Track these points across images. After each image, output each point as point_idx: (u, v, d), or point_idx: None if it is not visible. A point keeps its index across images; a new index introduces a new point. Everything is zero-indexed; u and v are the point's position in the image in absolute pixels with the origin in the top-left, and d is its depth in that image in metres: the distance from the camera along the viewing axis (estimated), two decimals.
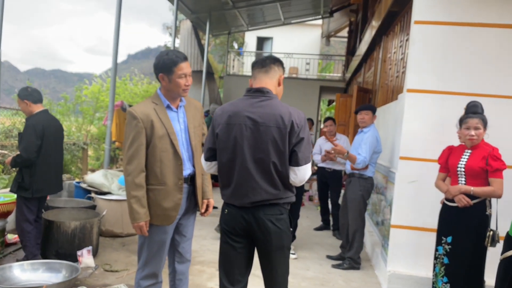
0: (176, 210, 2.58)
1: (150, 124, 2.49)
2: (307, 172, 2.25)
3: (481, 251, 3.08)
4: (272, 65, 2.36)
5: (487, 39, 3.89)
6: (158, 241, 2.62)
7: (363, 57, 8.86)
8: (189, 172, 2.66)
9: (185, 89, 2.57)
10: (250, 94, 2.32)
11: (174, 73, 2.50)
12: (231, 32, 14.92)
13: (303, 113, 2.29)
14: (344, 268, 4.55)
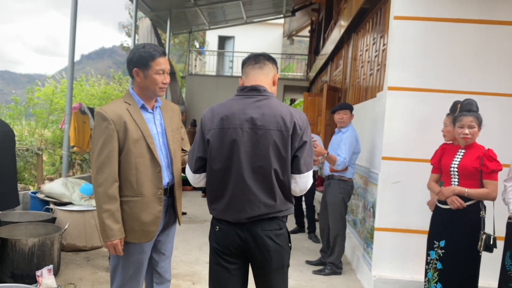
0: (156, 225, 2.26)
1: (123, 126, 2.18)
2: (309, 180, 2.01)
3: (475, 255, 2.96)
4: (267, 62, 2.11)
5: (468, 35, 3.83)
6: (135, 262, 2.30)
7: (329, 55, 8.77)
8: (168, 181, 2.35)
9: (162, 88, 2.27)
10: (244, 93, 2.06)
11: (151, 68, 2.21)
12: (192, 30, 14.55)
13: (305, 114, 2.05)
14: (326, 274, 4.37)
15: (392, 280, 3.86)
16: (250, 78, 2.09)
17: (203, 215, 6.88)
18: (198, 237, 5.55)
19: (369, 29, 5.66)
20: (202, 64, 17.78)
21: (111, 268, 2.37)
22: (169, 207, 2.39)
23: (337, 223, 4.41)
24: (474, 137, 3.01)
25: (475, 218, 2.97)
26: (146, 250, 2.33)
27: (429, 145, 3.77)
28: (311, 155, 2.00)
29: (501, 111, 3.75)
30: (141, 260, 2.32)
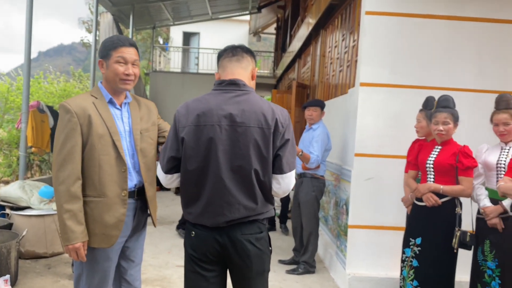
0: (118, 229, 2.09)
1: (87, 119, 2.03)
2: (292, 180, 1.89)
3: (451, 252, 2.95)
4: (245, 54, 1.97)
5: (438, 31, 3.85)
6: (100, 271, 2.13)
7: (297, 53, 8.74)
8: (135, 183, 2.18)
9: (124, 79, 2.09)
10: (222, 87, 1.91)
11: (111, 57, 2.06)
12: (156, 26, 14.17)
13: (286, 110, 1.94)
14: (300, 273, 4.31)
15: (366, 278, 3.83)
16: (228, 72, 1.95)
17: (170, 216, 6.68)
18: (167, 240, 5.37)
19: (338, 26, 5.63)
20: (166, 61, 17.40)
21: (75, 277, 2.19)
22: (137, 211, 2.23)
23: (310, 221, 4.35)
24: (449, 133, 3.00)
25: (450, 215, 2.96)
26: (113, 257, 2.17)
27: (401, 141, 3.77)
28: (293, 154, 1.89)
29: (470, 106, 3.78)
30: (107, 268, 2.15)
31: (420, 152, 3.15)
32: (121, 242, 2.19)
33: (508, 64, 3.87)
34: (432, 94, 3.46)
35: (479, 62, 3.87)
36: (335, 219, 4.62)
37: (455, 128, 3.00)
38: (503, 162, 2.91)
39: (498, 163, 2.91)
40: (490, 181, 2.97)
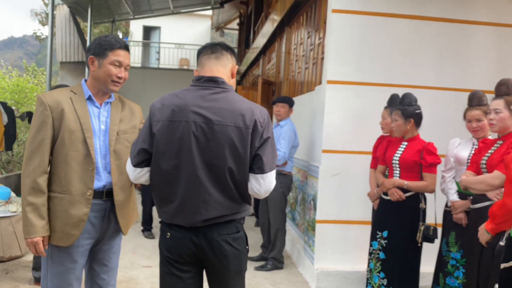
0: (78, 228, 2.04)
1: (59, 113, 2.02)
2: (273, 180, 1.86)
3: (415, 245, 3.06)
4: (224, 52, 1.93)
5: (401, 30, 3.96)
6: (63, 272, 2.07)
7: (261, 49, 8.74)
8: (104, 184, 2.12)
9: (116, 82, 2.10)
10: (200, 83, 1.86)
11: (107, 57, 2.07)
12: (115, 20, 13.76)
13: (266, 109, 1.92)
14: (268, 269, 4.33)
15: (334, 272, 3.90)
16: (206, 69, 1.90)
17: None
18: (131, 239, 5.24)
19: (303, 23, 5.68)
20: None
21: (42, 275, 2.16)
22: (107, 213, 2.16)
23: (277, 217, 4.38)
24: (400, 129, 3.12)
25: (414, 209, 3.07)
26: (77, 259, 2.10)
27: (366, 138, 3.86)
28: (273, 154, 1.86)
29: (432, 103, 3.91)
30: (71, 270, 2.09)
31: (388, 148, 3.24)
32: (87, 244, 2.13)
33: (466, 63, 4.04)
34: (396, 92, 3.56)
35: (439, 60, 4.02)
36: (302, 214, 4.67)
37: (408, 124, 3.09)
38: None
39: (468, 158, 3.01)
40: (460, 175, 3.09)
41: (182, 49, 15.71)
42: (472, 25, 4.02)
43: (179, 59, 16.20)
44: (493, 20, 4.03)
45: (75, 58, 12.04)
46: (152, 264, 4.38)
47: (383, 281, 3.12)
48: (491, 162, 2.60)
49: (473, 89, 3.66)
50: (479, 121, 2.97)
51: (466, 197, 2.96)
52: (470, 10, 4.01)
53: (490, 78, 3.71)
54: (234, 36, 19.86)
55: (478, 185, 2.61)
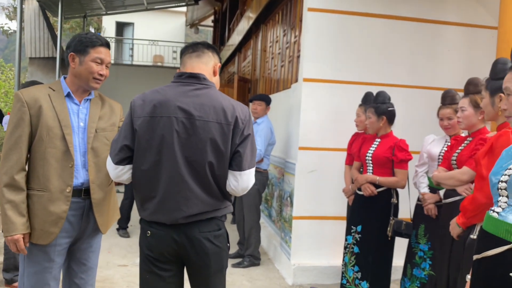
0: (57, 226, 2.02)
1: (37, 110, 2.00)
2: (251, 178, 1.87)
3: (387, 239, 3.14)
4: (206, 50, 1.94)
5: (375, 29, 4.03)
6: (38, 271, 2.04)
7: (237, 46, 8.74)
8: (82, 182, 2.10)
9: (97, 79, 2.09)
10: (181, 80, 1.86)
11: (89, 54, 2.06)
12: (87, 15, 13.46)
13: (247, 106, 1.93)
14: (245, 266, 4.35)
15: (310, 267, 3.96)
16: (187, 67, 1.91)
17: None
18: (106, 238, 5.15)
19: (279, 21, 5.71)
20: None
21: (19, 274, 2.13)
22: (86, 211, 2.13)
23: (251, 214, 4.40)
24: (372, 126, 3.22)
25: (386, 204, 3.15)
26: (54, 258, 2.07)
27: (342, 135, 3.93)
28: (253, 152, 1.87)
29: (405, 101, 4.01)
30: (47, 269, 2.05)
31: (363, 145, 3.31)
32: (65, 243, 2.10)
33: (437, 62, 4.16)
34: (370, 90, 3.64)
35: (412, 59, 4.12)
36: (279, 211, 4.71)
37: (381, 122, 3.17)
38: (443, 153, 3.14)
39: (440, 154, 3.13)
40: (432, 170, 3.19)
41: (156, 45, 15.51)
42: (443, 25, 4.14)
43: (153, 56, 15.99)
44: (463, 21, 4.17)
45: (45, 53, 11.72)
46: (128, 263, 4.33)
47: (357, 275, 3.19)
48: (461, 158, 2.70)
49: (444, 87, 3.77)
50: (450, 119, 3.08)
51: (436, 191, 3.06)
52: (441, 10, 4.13)
53: (460, 77, 3.83)
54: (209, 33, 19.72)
55: (448, 180, 2.70)
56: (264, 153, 4.34)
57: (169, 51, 15.97)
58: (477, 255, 1.44)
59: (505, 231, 1.34)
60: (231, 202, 1.93)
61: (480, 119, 2.66)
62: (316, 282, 3.95)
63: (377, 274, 3.16)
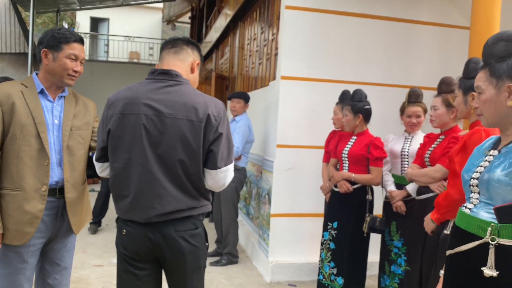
0: (33, 226, 1.98)
1: (10, 107, 1.95)
2: (228, 175, 1.85)
3: (362, 236, 3.18)
4: (185, 46, 1.91)
5: (350, 27, 4.07)
6: (11, 273, 1.99)
7: (214, 43, 8.69)
8: (56, 180, 2.06)
9: (72, 75, 2.06)
10: (153, 76, 1.83)
11: (63, 50, 2.03)
12: (60, 10, 13.14)
13: (222, 102, 1.90)
14: (223, 264, 4.34)
15: (288, 264, 3.98)
16: (164, 63, 1.89)
17: None
18: (81, 238, 5.05)
19: (257, 18, 5.70)
20: None
21: None
22: (60, 211, 2.09)
23: (229, 212, 4.39)
24: (349, 124, 3.26)
25: (361, 201, 3.19)
26: (28, 259, 2.02)
27: (318, 132, 3.96)
28: (229, 147, 1.84)
29: (380, 99, 4.06)
30: (20, 271, 2.01)
31: (339, 142, 3.34)
32: (39, 244, 2.05)
33: (411, 61, 4.23)
34: (345, 88, 3.67)
35: (386, 58, 4.18)
36: (257, 209, 4.71)
37: (357, 120, 3.21)
38: (407, 150, 3.22)
39: (402, 151, 3.22)
40: (395, 168, 3.26)
41: (132, 42, 15.29)
42: (417, 24, 4.21)
43: (129, 52, 15.76)
44: (436, 21, 4.25)
45: (16, 49, 11.39)
46: (103, 263, 4.26)
47: (333, 270, 3.22)
48: (434, 155, 2.76)
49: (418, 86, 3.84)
50: (419, 117, 3.16)
51: (401, 187, 3.13)
52: (415, 10, 4.20)
53: (434, 75, 3.90)
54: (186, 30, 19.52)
55: (422, 177, 2.76)
56: (241, 150, 4.34)
57: (146, 48, 15.76)
58: (450, 251, 1.47)
59: (477, 227, 1.38)
60: (210, 201, 1.90)
61: (452, 117, 2.72)
62: (294, 279, 3.98)
63: (353, 270, 3.20)
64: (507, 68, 1.38)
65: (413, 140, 3.25)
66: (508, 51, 1.40)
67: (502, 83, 1.39)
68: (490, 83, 1.42)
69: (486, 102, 1.44)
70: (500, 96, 1.40)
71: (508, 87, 1.38)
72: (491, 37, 1.45)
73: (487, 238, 1.33)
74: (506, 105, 1.39)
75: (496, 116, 1.43)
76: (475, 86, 1.49)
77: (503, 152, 1.41)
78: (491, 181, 1.35)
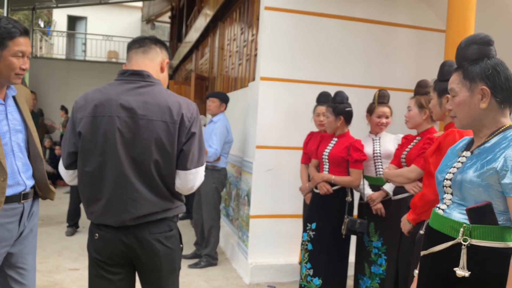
0: None
1: None
2: (198, 178, 1.82)
3: (340, 237, 3.19)
4: (153, 45, 1.87)
5: (330, 29, 4.09)
6: None
7: (194, 43, 8.63)
8: (24, 189, 1.95)
9: (20, 74, 1.88)
10: (124, 77, 1.79)
11: (8, 48, 1.80)
12: (36, 7, 12.86)
13: (195, 103, 1.88)
14: (202, 266, 4.30)
15: (267, 266, 3.97)
16: (133, 63, 1.85)
17: (58, 217, 6.16)
18: (56, 242, 4.95)
19: (237, 19, 5.68)
20: (49, 46, 15.90)
21: None
22: (24, 214, 1.99)
23: (211, 213, 4.36)
24: (330, 126, 3.26)
25: (340, 203, 3.20)
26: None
27: (298, 134, 3.97)
28: (200, 149, 1.82)
29: (359, 101, 4.08)
30: None
31: (321, 143, 3.35)
32: (3, 253, 1.94)
33: (389, 63, 4.28)
34: (325, 89, 3.69)
35: (365, 60, 4.22)
36: (236, 210, 4.69)
37: (338, 121, 3.22)
38: (378, 151, 3.26)
39: (374, 153, 3.27)
40: (368, 170, 3.30)
41: (111, 41, 15.06)
42: (394, 27, 4.27)
43: (107, 52, 15.52)
44: (413, 23, 4.31)
45: None
46: (80, 266, 4.17)
47: (309, 271, 3.20)
48: (410, 156, 2.79)
49: (396, 88, 3.91)
50: (387, 117, 3.22)
51: (378, 188, 3.16)
52: (392, 12, 4.25)
53: (411, 77, 3.96)
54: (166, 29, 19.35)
55: (397, 178, 2.79)
56: (220, 151, 4.31)
57: (124, 47, 15.46)
58: (424, 251, 1.48)
59: (450, 228, 1.39)
60: (183, 201, 1.88)
61: (424, 118, 2.77)
62: (274, 280, 3.97)
63: (332, 271, 3.20)
64: (480, 70, 1.40)
65: (381, 141, 3.30)
66: (481, 53, 1.42)
67: (475, 85, 1.41)
68: (463, 86, 1.44)
69: (459, 104, 1.45)
70: (473, 98, 1.42)
71: (481, 89, 1.39)
72: (464, 40, 1.47)
73: (459, 239, 1.34)
74: (479, 107, 1.41)
75: (470, 118, 1.44)
76: (449, 88, 1.50)
77: (476, 154, 1.42)
78: (464, 182, 1.37)
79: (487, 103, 1.39)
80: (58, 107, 12.63)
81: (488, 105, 1.40)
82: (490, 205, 1.31)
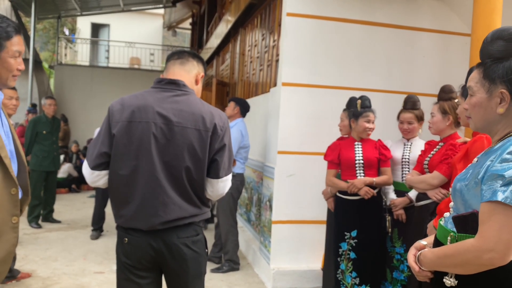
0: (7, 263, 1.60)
1: None
2: (227, 185, 1.89)
3: (383, 239, 3.20)
4: (190, 58, 1.95)
5: (353, 34, 4.08)
6: None
7: (215, 50, 8.72)
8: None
9: (16, 76, 1.69)
10: (160, 86, 1.86)
11: (5, 49, 1.61)
12: (61, 16, 13.22)
13: (225, 114, 1.93)
14: (224, 271, 4.32)
15: (289, 272, 3.96)
16: (170, 73, 1.92)
17: (83, 220, 6.28)
18: (81, 245, 5.04)
19: (258, 25, 5.72)
20: (73, 53, 16.28)
21: None
22: None
23: (227, 219, 4.37)
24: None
25: (379, 204, 3.20)
26: None
27: (319, 139, 3.96)
28: (230, 159, 1.89)
29: (380, 105, 4.05)
30: None
31: (341, 150, 3.28)
32: None
33: (413, 67, 4.23)
34: (347, 95, 3.67)
35: (388, 65, 4.18)
36: (258, 215, 4.70)
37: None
38: (407, 157, 3.22)
39: (403, 158, 3.24)
40: (395, 174, 3.26)
41: (133, 47, 15.32)
42: (417, 31, 4.22)
43: (130, 58, 15.79)
44: (437, 27, 4.26)
45: None
46: (105, 269, 4.24)
47: (355, 280, 3.11)
48: (432, 162, 2.76)
49: (419, 92, 3.85)
50: (410, 123, 3.22)
51: (403, 194, 3.13)
52: (416, 17, 4.21)
53: (434, 82, 3.92)
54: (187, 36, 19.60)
55: (420, 184, 2.76)
56: (236, 156, 4.32)
57: (146, 54, 15.81)
58: None
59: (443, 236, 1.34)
60: (209, 207, 1.93)
61: (447, 124, 2.73)
62: (296, 286, 3.96)
63: (376, 275, 3.17)
64: (502, 72, 1.25)
65: (413, 147, 3.26)
66: (507, 51, 1.26)
67: (495, 87, 1.27)
68: (482, 86, 1.31)
69: (475, 105, 1.33)
70: (491, 101, 1.29)
71: (501, 93, 1.26)
72: (491, 33, 1.32)
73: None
74: (496, 112, 1.28)
75: (484, 122, 1.32)
76: (468, 85, 1.38)
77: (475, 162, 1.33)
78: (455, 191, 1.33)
79: (505, 108, 1.26)
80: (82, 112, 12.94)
81: (506, 110, 1.26)
82: (475, 214, 1.23)
